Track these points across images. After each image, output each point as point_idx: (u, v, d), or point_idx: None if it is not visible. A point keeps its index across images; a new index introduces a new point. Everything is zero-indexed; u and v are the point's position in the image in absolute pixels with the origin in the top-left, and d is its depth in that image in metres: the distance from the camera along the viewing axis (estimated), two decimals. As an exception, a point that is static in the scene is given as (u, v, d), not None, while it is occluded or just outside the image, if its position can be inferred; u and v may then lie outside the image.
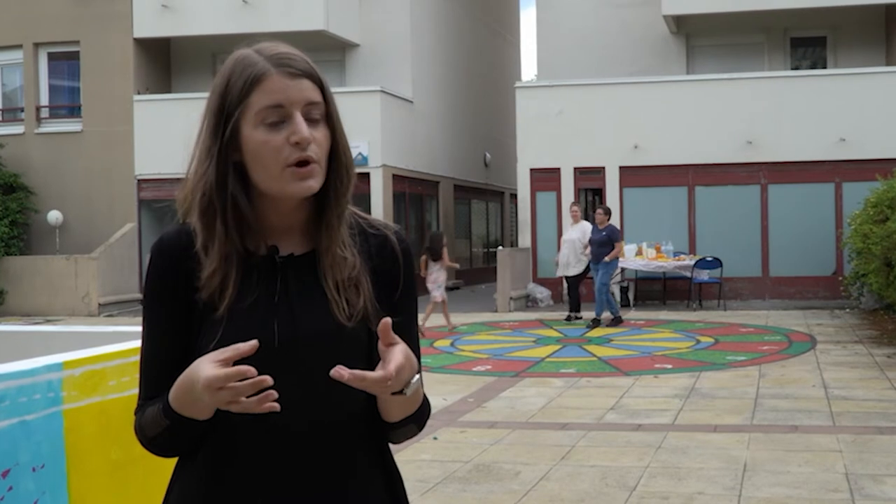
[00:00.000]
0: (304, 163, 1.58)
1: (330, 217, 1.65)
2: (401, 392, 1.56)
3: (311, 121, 1.60)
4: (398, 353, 1.52)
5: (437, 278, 14.46)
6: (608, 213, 15.26)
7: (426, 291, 14.40)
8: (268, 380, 1.46)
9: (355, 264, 1.65)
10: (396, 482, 1.75)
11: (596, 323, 14.83)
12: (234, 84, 1.61)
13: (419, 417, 1.69)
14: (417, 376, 1.59)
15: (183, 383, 1.54)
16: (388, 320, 1.53)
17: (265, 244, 1.65)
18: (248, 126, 1.59)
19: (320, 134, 1.61)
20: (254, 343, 1.47)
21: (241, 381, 1.46)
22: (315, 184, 1.60)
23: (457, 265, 16.32)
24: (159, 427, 1.60)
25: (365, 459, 1.68)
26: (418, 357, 1.65)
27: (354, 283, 1.64)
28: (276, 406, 1.48)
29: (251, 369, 1.46)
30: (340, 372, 1.48)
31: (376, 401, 1.65)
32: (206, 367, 1.48)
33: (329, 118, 1.64)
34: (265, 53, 1.62)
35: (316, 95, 1.61)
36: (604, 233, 14.96)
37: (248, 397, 1.47)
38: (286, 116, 1.58)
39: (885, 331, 13.67)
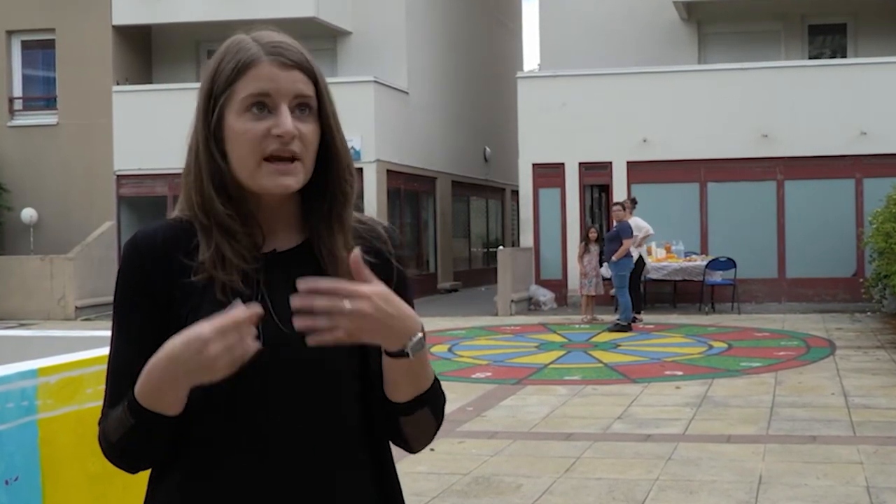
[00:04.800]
0: (284, 159, 1.58)
1: (334, 222, 1.66)
2: (402, 354, 1.54)
3: (299, 115, 1.60)
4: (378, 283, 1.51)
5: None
6: (624, 207, 15.33)
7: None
8: (257, 310, 1.46)
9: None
10: (393, 496, 1.74)
11: (618, 327, 14.83)
12: (223, 68, 1.62)
13: (433, 399, 1.65)
14: (420, 334, 1.55)
15: (157, 362, 1.50)
16: (356, 251, 1.51)
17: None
18: (231, 113, 1.60)
19: (308, 129, 1.61)
20: (245, 309, 1.47)
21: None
22: (294, 182, 1.60)
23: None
24: (124, 428, 1.56)
25: (358, 474, 1.67)
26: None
27: None
28: (257, 344, 1.48)
29: (244, 313, 1.46)
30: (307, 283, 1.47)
31: (381, 396, 1.63)
32: (195, 327, 1.47)
33: (322, 115, 1.64)
34: (260, 40, 1.63)
35: (307, 89, 1.61)
36: (615, 229, 15.04)
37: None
38: (272, 107, 1.59)
39: (908, 335, 13.69)
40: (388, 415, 1.64)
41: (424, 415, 1.64)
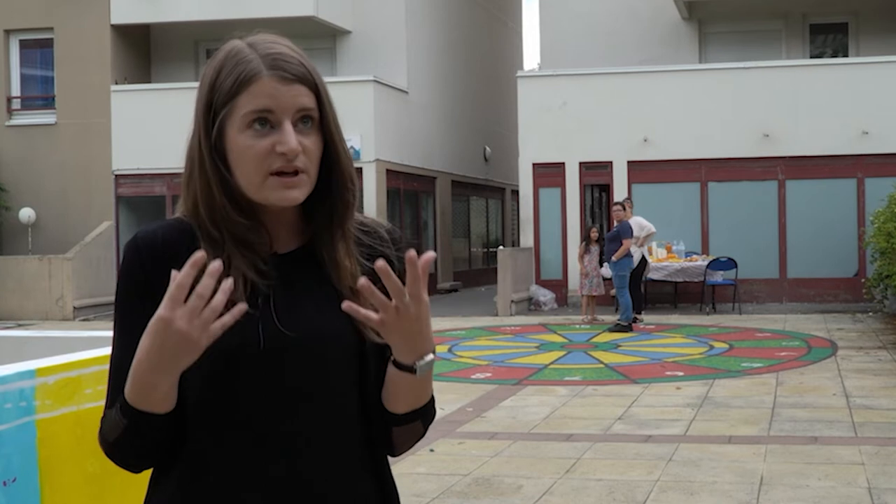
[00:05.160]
0: (289, 172, 1.58)
1: (336, 230, 1.66)
2: (411, 369, 1.58)
3: (301, 128, 1.60)
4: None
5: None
6: (624, 207, 15.33)
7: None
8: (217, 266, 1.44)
9: (354, 273, 1.65)
10: (391, 499, 1.75)
11: (618, 327, 14.81)
12: (223, 80, 1.60)
13: (426, 414, 1.70)
14: (431, 355, 1.60)
15: (139, 361, 1.50)
16: (431, 255, 1.53)
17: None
18: (233, 128, 1.59)
19: (310, 142, 1.60)
20: (184, 269, 1.44)
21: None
22: (300, 194, 1.60)
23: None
24: (119, 428, 1.56)
25: (357, 474, 1.68)
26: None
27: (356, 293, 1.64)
28: (242, 308, 1.46)
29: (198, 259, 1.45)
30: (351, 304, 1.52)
31: (376, 403, 1.66)
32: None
33: (324, 124, 1.63)
34: (260, 51, 1.61)
35: (309, 102, 1.60)
36: (616, 229, 15.04)
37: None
38: (275, 123, 1.58)
39: (909, 336, 13.69)
40: (381, 422, 1.68)
41: (416, 426, 1.70)
